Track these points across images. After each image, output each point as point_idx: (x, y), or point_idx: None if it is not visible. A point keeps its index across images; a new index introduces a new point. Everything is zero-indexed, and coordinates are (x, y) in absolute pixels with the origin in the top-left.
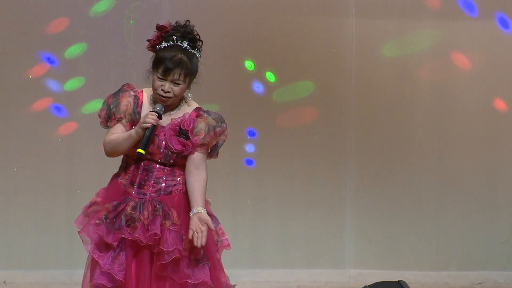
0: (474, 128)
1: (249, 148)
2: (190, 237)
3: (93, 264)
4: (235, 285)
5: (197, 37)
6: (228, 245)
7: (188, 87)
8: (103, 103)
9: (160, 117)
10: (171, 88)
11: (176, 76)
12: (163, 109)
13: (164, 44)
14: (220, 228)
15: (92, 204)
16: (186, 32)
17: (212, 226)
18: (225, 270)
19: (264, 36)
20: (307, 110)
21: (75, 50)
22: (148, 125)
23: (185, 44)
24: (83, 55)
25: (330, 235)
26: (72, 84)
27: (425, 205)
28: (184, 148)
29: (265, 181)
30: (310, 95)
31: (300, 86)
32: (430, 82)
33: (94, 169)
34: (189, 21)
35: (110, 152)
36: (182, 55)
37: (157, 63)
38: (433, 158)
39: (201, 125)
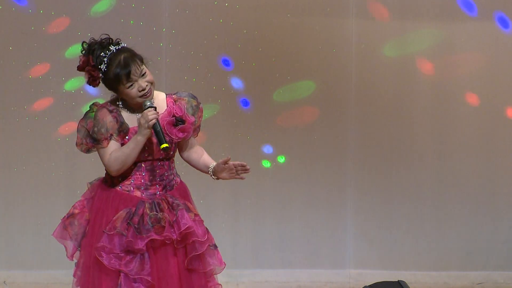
0: (474, 128)
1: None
2: (242, 175)
3: (106, 273)
4: None
5: (107, 36)
6: None
7: None
8: (79, 131)
9: (155, 109)
10: (145, 82)
11: (138, 70)
12: (154, 102)
13: (103, 67)
14: None
15: (70, 215)
16: (100, 42)
17: (230, 162)
18: (225, 270)
19: (265, 35)
20: (307, 110)
21: (75, 50)
22: (154, 121)
23: (112, 48)
24: None
25: (330, 235)
26: (72, 84)
27: (425, 205)
28: (186, 133)
29: (265, 181)
30: (310, 95)
31: (300, 86)
32: (430, 82)
33: (94, 169)
34: (84, 41)
35: (120, 169)
36: (122, 55)
37: (116, 81)
38: (433, 158)
39: (187, 106)
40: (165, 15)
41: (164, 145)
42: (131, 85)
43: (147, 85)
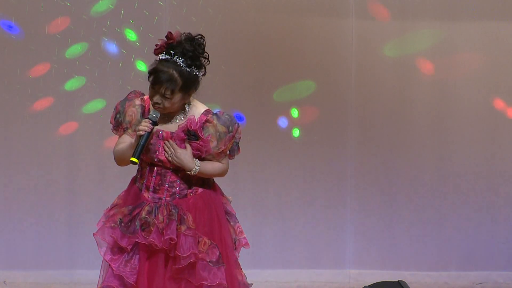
0: (474, 128)
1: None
2: (166, 149)
3: (106, 267)
4: (252, 284)
5: (200, 52)
6: (247, 244)
7: (183, 99)
8: (114, 109)
9: (155, 123)
10: (161, 100)
11: (162, 90)
12: (158, 116)
13: (162, 56)
14: (238, 227)
15: (114, 206)
16: (187, 49)
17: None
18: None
19: (265, 35)
20: (307, 110)
21: (75, 50)
22: (141, 132)
23: (180, 61)
24: (83, 55)
25: (330, 235)
26: (72, 84)
27: (425, 205)
28: (198, 152)
29: (265, 181)
30: (310, 95)
31: (300, 86)
32: (430, 82)
33: (94, 169)
34: (200, 35)
35: (119, 161)
36: (173, 72)
37: (150, 72)
38: (433, 158)
39: (211, 130)
40: (165, 15)
41: (133, 159)
42: (153, 89)
43: (159, 104)
